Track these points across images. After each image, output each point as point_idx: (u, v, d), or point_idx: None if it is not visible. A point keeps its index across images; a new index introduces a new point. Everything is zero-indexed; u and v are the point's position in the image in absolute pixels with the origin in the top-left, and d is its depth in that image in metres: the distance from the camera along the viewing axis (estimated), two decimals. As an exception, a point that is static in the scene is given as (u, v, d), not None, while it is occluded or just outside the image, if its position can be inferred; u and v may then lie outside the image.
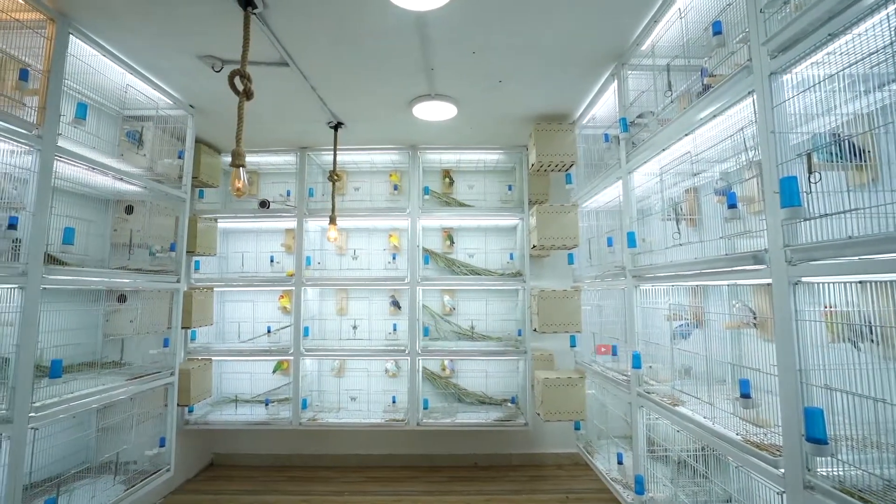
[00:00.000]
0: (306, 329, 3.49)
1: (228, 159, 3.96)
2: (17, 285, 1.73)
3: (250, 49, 2.17)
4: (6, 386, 1.71)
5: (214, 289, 3.51)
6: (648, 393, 1.98)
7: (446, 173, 3.99)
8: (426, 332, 3.56)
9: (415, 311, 3.46)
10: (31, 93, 1.79)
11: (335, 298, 3.94)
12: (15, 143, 1.74)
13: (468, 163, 3.87)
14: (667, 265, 1.84)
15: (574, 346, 3.02)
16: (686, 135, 1.64)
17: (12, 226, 1.69)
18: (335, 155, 3.15)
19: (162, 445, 2.52)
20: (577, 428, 3.02)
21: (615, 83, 2.37)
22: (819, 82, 1.15)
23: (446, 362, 3.81)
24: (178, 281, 2.71)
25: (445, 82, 2.56)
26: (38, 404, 1.80)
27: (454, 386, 3.82)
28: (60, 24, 1.89)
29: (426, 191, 3.63)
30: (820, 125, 1.20)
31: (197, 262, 3.54)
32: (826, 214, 1.10)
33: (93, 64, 2.16)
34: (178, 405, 3.13)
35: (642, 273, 2.07)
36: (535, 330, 2.97)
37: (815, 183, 1.15)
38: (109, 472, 2.43)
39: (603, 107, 2.68)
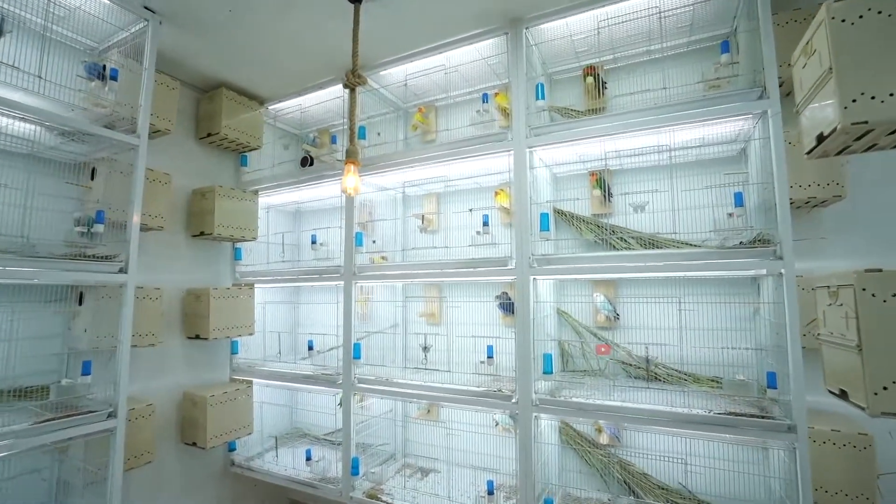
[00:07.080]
0: (356, 347, 2.21)
1: (274, 107, 2.57)
2: None
3: None
4: None
5: (255, 286, 2.58)
6: None
7: (588, 71, 2.18)
8: (548, 364, 1.84)
9: (527, 324, 1.80)
10: None
11: (413, 296, 2.56)
12: None
13: (625, 37, 1.96)
14: None
15: None
16: None
17: None
18: (355, 43, 1.77)
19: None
20: None
21: None
22: None
23: (602, 422, 2.00)
24: (120, 271, 1.74)
25: None
26: None
27: (620, 465, 1.98)
28: None
29: (538, 92, 1.93)
30: None
31: (238, 251, 2.66)
32: None
33: None
34: (194, 445, 2.27)
35: None
36: (830, 391, 0.99)
37: None
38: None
39: None
